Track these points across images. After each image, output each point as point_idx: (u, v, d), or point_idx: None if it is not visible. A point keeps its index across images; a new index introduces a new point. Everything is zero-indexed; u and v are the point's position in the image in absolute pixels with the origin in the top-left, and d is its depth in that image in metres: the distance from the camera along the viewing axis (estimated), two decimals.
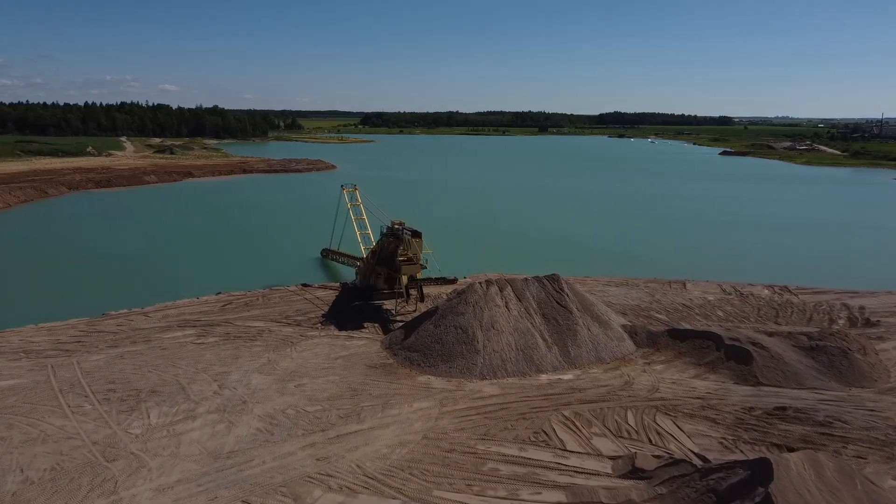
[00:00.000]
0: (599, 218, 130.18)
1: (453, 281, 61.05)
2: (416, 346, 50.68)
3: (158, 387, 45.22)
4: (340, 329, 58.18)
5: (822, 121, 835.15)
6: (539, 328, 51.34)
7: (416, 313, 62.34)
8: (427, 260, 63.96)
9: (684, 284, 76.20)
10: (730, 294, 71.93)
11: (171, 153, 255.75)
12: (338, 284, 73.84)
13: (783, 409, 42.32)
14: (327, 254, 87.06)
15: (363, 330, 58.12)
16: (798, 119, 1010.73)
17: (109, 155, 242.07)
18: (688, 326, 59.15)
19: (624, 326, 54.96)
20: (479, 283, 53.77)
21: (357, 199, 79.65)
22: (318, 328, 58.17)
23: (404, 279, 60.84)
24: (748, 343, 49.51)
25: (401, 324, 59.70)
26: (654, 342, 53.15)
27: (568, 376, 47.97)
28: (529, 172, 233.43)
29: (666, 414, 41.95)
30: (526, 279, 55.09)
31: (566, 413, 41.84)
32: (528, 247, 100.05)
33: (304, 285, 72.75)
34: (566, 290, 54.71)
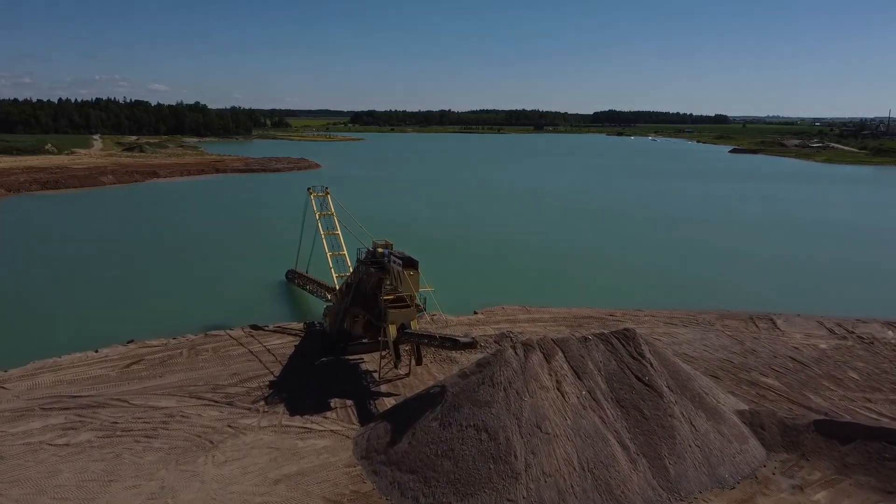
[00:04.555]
0: (632, 224, 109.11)
1: (471, 345, 36.23)
2: (410, 460, 30.30)
3: None
4: (293, 412, 37.72)
5: (816, 119, 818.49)
6: (614, 426, 31.08)
7: (410, 377, 42.08)
8: (426, 300, 43.63)
9: (773, 322, 56.23)
10: (844, 338, 51.97)
11: (141, 151, 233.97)
12: (301, 326, 53.42)
13: None
14: (294, 277, 66.53)
15: (327, 414, 37.60)
16: (790, 118, 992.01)
17: (71, 153, 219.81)
18: (822, 403, 39.17)
19: (741, 415, 34.71)
20: (513, 347, 33.39)
21: (329, 208, 58.94)
22: (258, 411, 37.68)
23: (392, 329, 40.36)
24: None
25: (388, 398, 39.43)
26: (794, 443, 32.97)
27: None
28: (535, 172, 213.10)
29: None
30: (585, 339, 34.78)
31: None
32: (552, 267, 79.20)
33: (254, 328, 52.27)
34: (649, 355, 34.44)
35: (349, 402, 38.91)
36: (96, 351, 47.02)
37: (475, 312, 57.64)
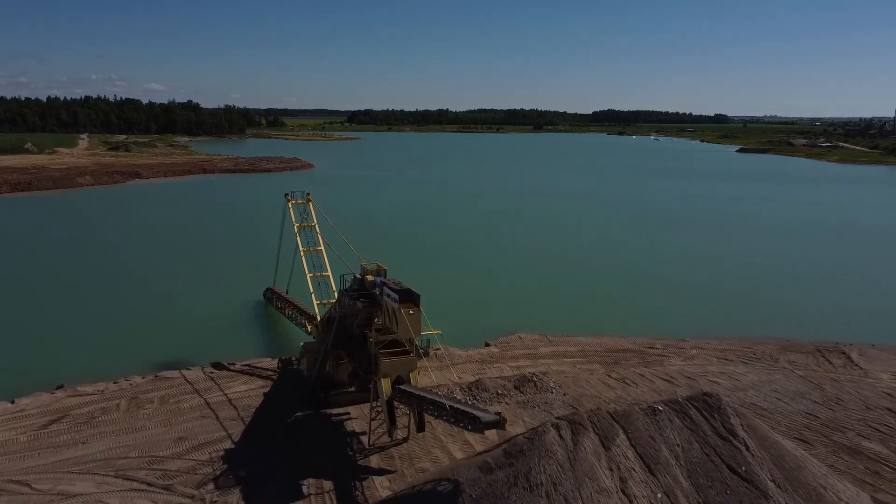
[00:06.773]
0: (659, 231, 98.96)
1: (496, 424, 24.53)
2: None
3: None
4: (252, 502, 27.86)
5: (815, 119, 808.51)
6: None
7: (410, 442, 32.29)
8: (428, 341, 33.89)
9: (848, 356, 46.63)
10: None
11: (127, 150, 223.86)
12: (275, 364, 43.59)
13: None
14: (272, 297, 56.56)
15: None
16: (789, 118, 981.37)
17: (53, 153, 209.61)
18: None
19: None
20: (556, 426, 23.62)
21: (310, 218, 48.94)
22: (203, 500, 27.84)
23: (386, 385, 30.57)
24: None
25: (380, 477, 29.65)
26: None
27: None
28: (543, 172, 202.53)
29: None
30: (654, 411, 25.10)
31: None
32: (575, 283, 68.60)
33: (216, 367, 42.50)
34: (742, 432, 24.71)
35: (328, 486, 29.10)
36: (12, 402, 37.29)
37: (487, 344, 47.90)
